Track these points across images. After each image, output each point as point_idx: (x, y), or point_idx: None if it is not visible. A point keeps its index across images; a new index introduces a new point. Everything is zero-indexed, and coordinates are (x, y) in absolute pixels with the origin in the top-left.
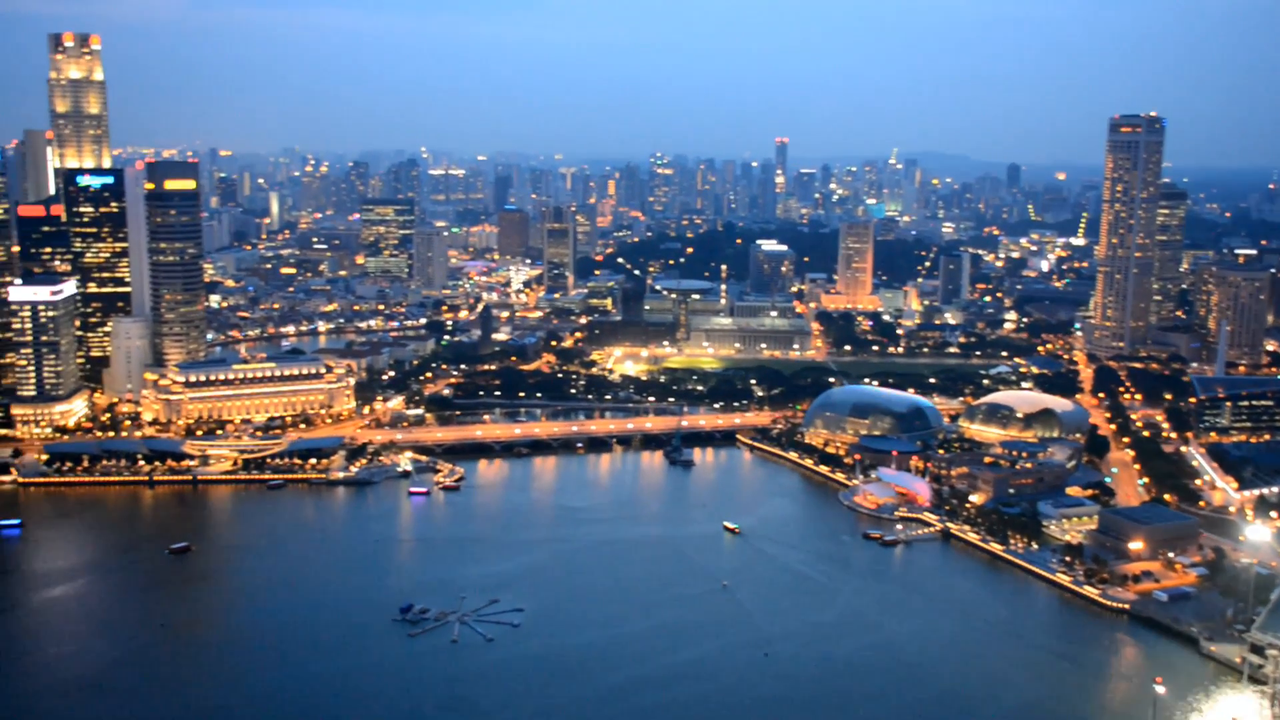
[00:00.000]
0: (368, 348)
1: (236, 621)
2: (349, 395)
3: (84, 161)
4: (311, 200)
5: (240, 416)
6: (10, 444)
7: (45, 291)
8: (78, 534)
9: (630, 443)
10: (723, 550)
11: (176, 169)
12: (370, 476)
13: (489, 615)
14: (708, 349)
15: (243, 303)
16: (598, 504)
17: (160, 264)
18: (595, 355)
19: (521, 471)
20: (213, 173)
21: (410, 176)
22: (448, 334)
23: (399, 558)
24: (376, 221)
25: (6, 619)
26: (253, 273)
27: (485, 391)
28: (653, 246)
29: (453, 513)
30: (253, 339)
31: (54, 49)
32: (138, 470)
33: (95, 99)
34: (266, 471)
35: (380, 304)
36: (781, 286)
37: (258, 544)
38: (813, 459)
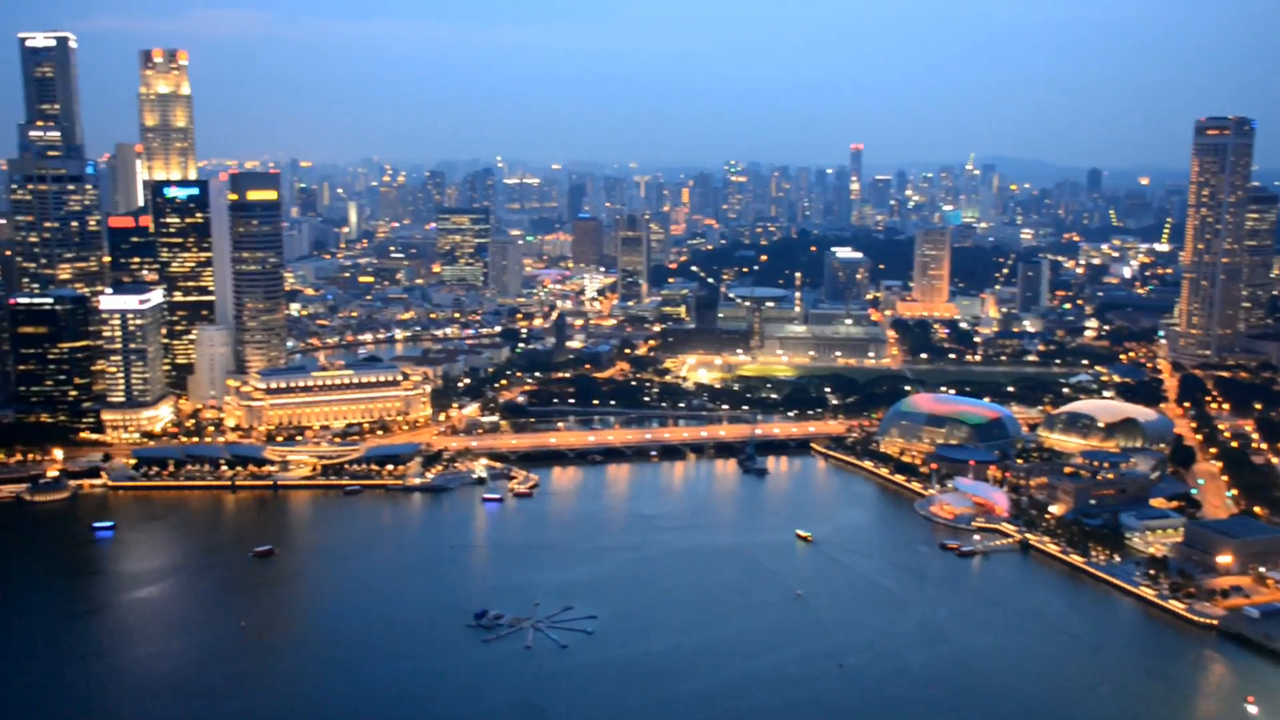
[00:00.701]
0: (444, 355)
1: (315, 624)
2: (425, 402)
3: (171, 173)
4: (389, 209)
5: (319, 423)
6: (100, 448)
7: (134, 300)
8: (163, 537)
9: (704, 450)
10: (796, 559)
11: (258, 180)
12: (446, 483)
13: (563, 622)
14: (782, 357)
15: (322, 311)
16: (671, 511)
17: (243, 273)
18: (669, 363)
19: (595, 479)
20: (293, 183)
21: (486, 185)
22: (522, 342)
23: (473, 564)
24: (452, 230)
25: (97, 618)
26: (332, 281)
27: (559, 399)
28: (727, 254)
29: (527, 519)
30: (331, 347)
31: (144, 65)
32: (220, 475)
33: (182, 113)
34: (344, 477)
35: (456, 312)
36: (856, 294)
37: (336, 548)
38: (888, 468)
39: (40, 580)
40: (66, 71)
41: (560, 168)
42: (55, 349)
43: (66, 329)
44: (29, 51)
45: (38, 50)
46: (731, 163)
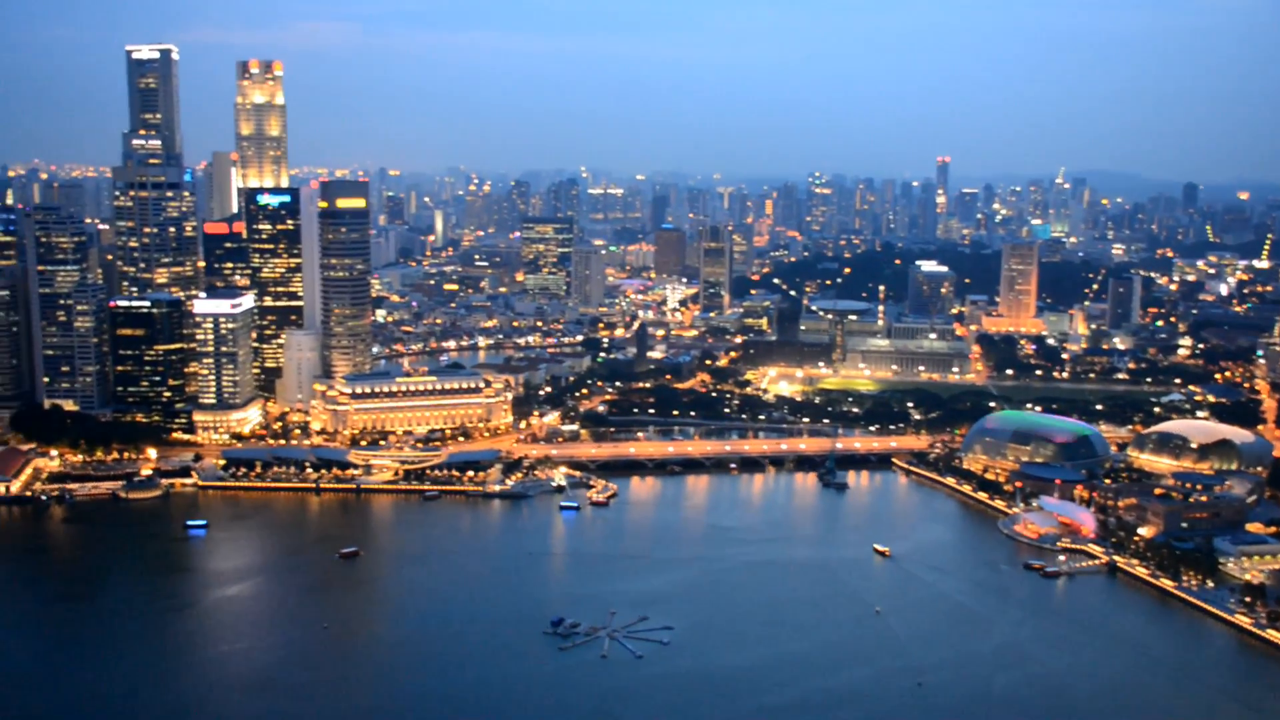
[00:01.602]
0: (525, 363)
1: (395, 627)
2: (507, 410)
3: (264, 181)
4: (474, 218)
5: (402, 428)
6: (192, 449)
7: (226, 305)
8: (251, 536)
9: (783, 463)
10: (875, 575)
11: (348, 188)
12: (525, 490)
13: (639, 632)
14: (864, 370)
15: (407, 318)
16: (749, 524)
17: (331, 279)
18: (750, 375)
19: (674, 489)
20: (381, 191)
21: (570, 195)
22: (604, 351)
23: (551, 571)
24: (536, 239)
25: (186, 615)
26: (417, 288)
27: (639, 409)
28: (809, 266)
29: (604, 528)
30: (415, 353)
31: (241, 76)
32: (305, 477)
33: (276, 122)
34: (426, 482)
35: (539, 321)
36: (941, 308)
37: (417, 552)
38: (971, 485)
39: (134, 576)
40: (168, 82)
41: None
42: (151, 351)
43: (162, 332)
44: (134, 63)
45: (142, 62)
46: (816, 174)
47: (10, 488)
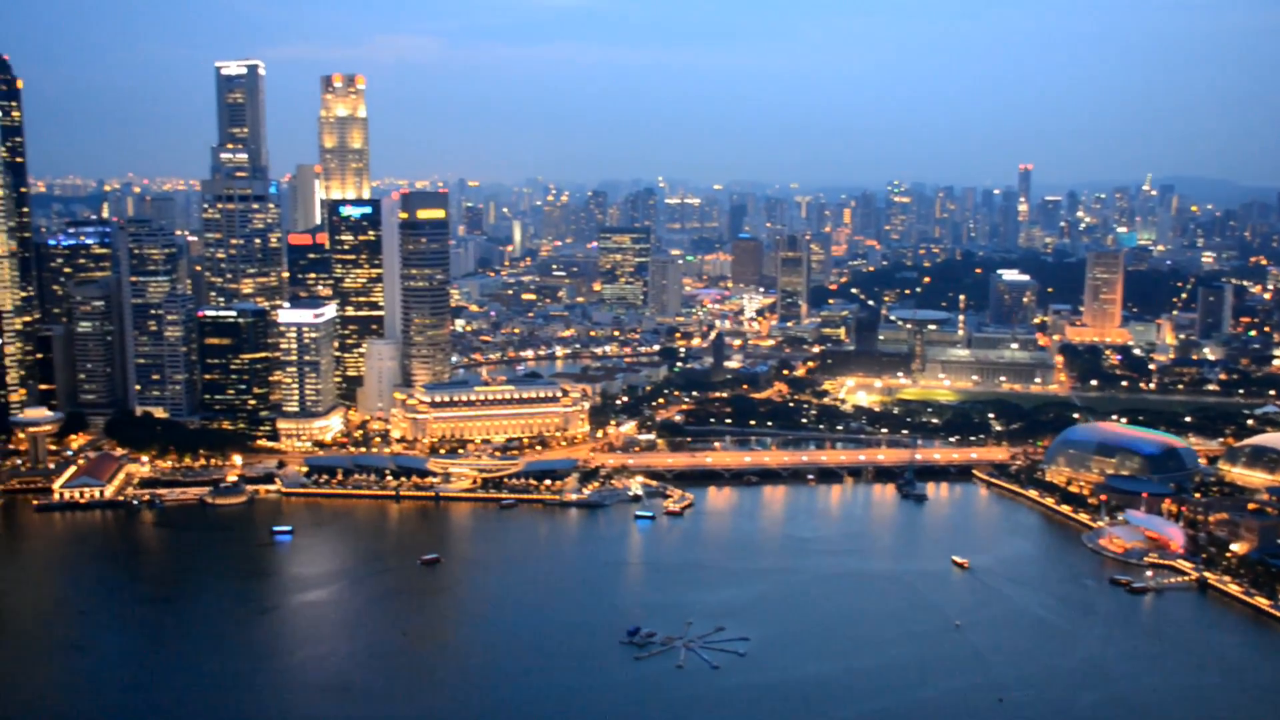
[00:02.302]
0: (603, 373)
1: (472, 633)
2: (584, 419)
3: (346, 193)
4: (552, 228)
5: (480, 437)
6: (275, 456)
7: (309, 314)
8: (332, 542)
9: (861, 474)
10: (954, 588)
11: (428, 199)
12: (602, 499)
13: (715, 642)
14: (944, 380)
15: (485, 327)
16: (827, 535)
17: (411, 289)
18: (827, 385)
19: (751, 500)
20: (461, 202)
21: (647, 205)
22: (680, 361)
23: (627, 581)
24: (614, 249)
25: (269, 619)
26: (495, 298)
27: (716, 419)
28: (888, 275)
29: (681, 538)
30: (494, 362)
31: (325, 90)
32: (385, 485)
33: (359, 134)
34: (503, 491)
35: (616, 330)
36: (1023, 318)
37: (495, 560)
38: (1053, 498)
39: (220, 579)
40: (255, 97)
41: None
42: (237, 360)
43: (248, 341)
44: (223, 79)
45: (231, 78)
46: (895, 183)
47: (105, 492)
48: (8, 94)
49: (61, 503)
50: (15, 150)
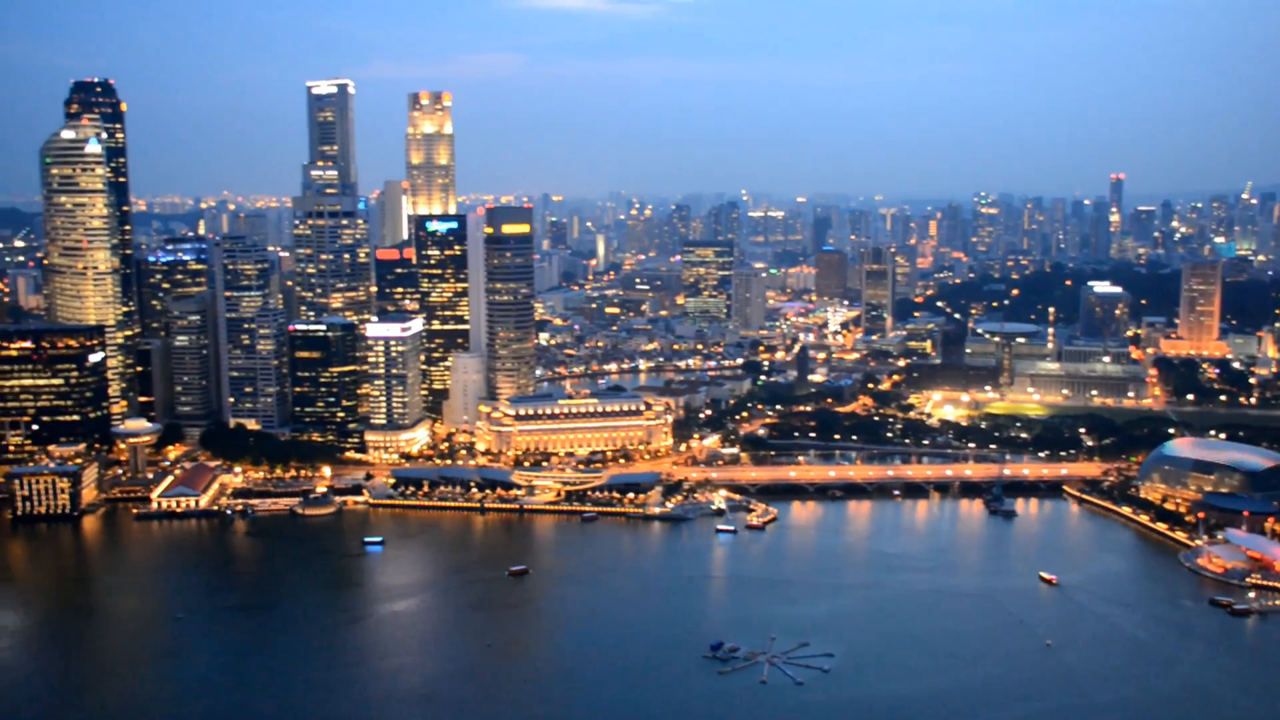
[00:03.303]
0: (686, 386)
1: (556, 645)
2: (667, 432)
3: (433, 208)
4: (635, 242)
5: (564, 449)
6: (363, 467)
7: (396, 328)
8: (419, 554)
9: (948, 489)
10: (1045, 606)
11: (513, 214)
12: (685, 513)
13: (799, 658)
14: (1033, 394)
15: (569, 341)
16: (913, 551)
17: (496, 303)
18: (913, 398)
19: (835, 514)
20: (545, 217)
21: (730, 219)
22: (764, 374)
23: (710, 594)
24: (697, 263)
25: (357, 628)
26: (579, 312)
27: (800, 432)
28: (975, 288)
29: (764, 552)
30: (577, 375)
31: (412, 107)
32: (470, 497)
33: (445, 151)
34: (587, 503)
35: (699, 344)
36: (1115, 330)
37: (579, 572)
38: (1148, 515)
39: (310, 588)
40: (345, 115)
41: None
42: (327, 373)
43: (337, 354)
44: (314, 98)
45: (321, 97)
46: (981, 194)
47: (200, 501)
48: (113, 116)
49: (159, 511)
50: (119, 171)
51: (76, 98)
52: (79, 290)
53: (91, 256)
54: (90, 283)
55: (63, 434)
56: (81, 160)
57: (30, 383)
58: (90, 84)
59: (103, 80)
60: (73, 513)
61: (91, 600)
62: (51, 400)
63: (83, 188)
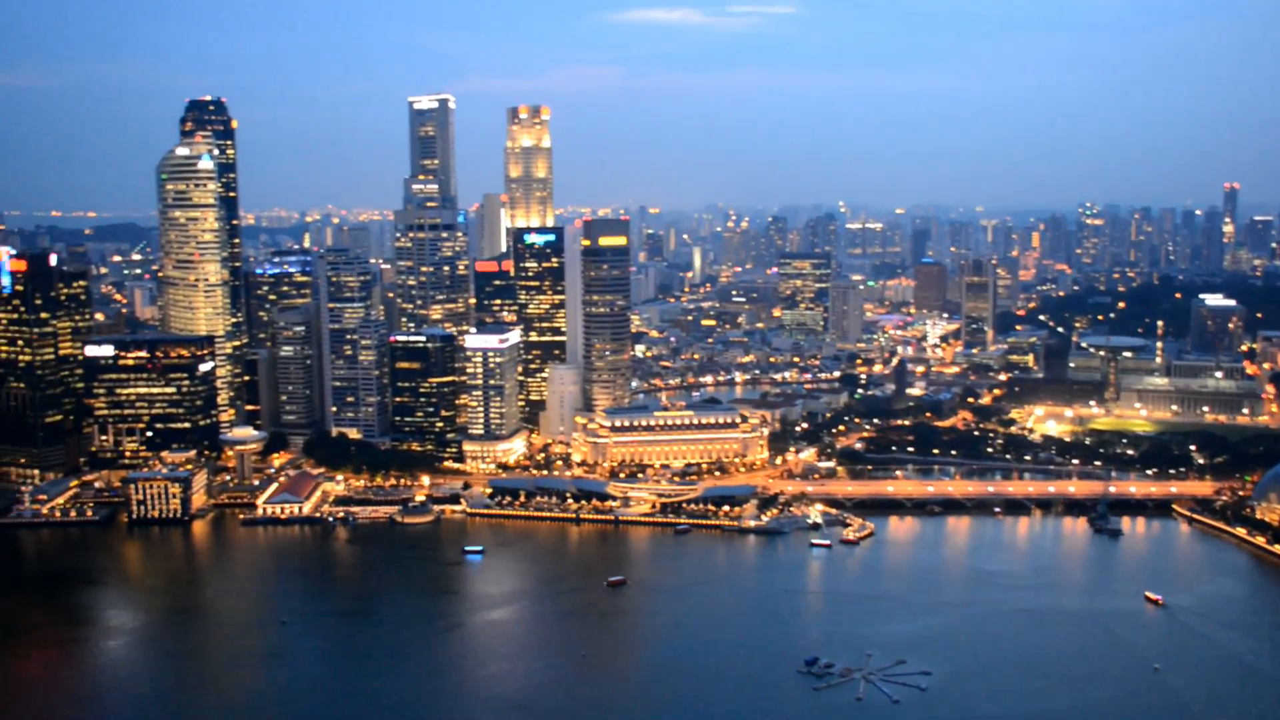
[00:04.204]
0: (782, 399)
1: (651, 656)
2: (762, 445)
3: (531, 221)
4: (732, 254)
5: (659, 461)
6: (461, 477)
7: (494, 340)
8: (515, 563)
9: (1051, 507)
10: (1152, 628)
11: (609, 226)
12: (780, 526)
13: (895, 675)
14: (1140, 410)
15: (665, 353)
16: (1013, 569)
17: (592, 315)
18: (1014, 413)
19: (933, 530)
20: (642, 229)
21: (828, 230)
22: (861, 387)
23: (806, 609)
24: (794, 275)
25: (454, 636)
26: (675, 324)
27: (898, 447)
28: (1079, 301)
29: (861, 568)
30: (673, 387)
31: (511, 121)
32: (566, 508)
33: (543, 164)
34: (682, 516)
35: (795, 356)
36: (1228, 345)
37: (674, 584)
38: (1264, 536)
39: (410, 595)
40: (445, 130)
41: (904, 212)
42: (426, 383)
43: (436, 365)
44: (415, 113)
45: (422, 112)
46: (1086, 205)
47: (303, 508)
48: (224, 134)
49: (264, 518)
50: (229, 186)
51: (191, 116)
52: (190, 302)
53: (202, 269)
54: (201, 294)
55: (175, 441)
56: (195, 176)
57: (145, 391)
58: (204, 102)
59: (215, 99)
60: (183, 517)
61: (200, 602)
62: (165, 408)
63: (195, 202)
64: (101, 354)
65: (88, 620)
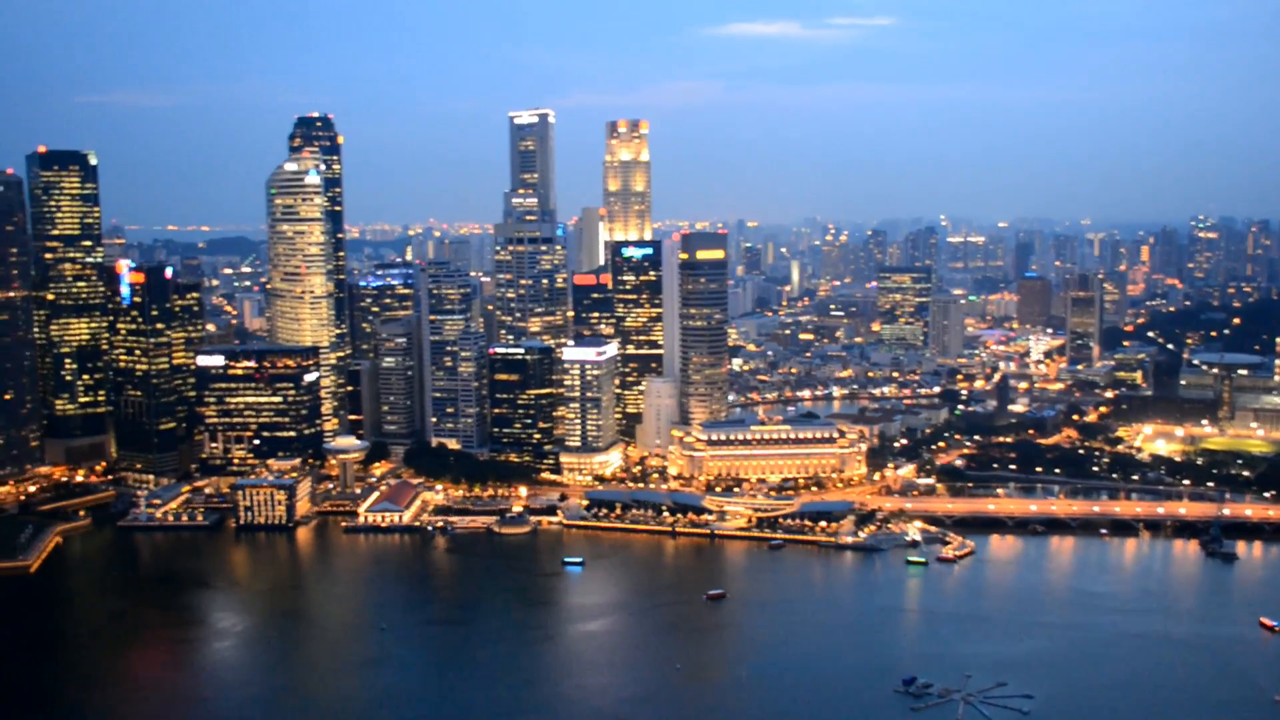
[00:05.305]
0: (880, 414)
1: (747, 671)
2: (860, 461)
3: (629, 234)
4: (830, 268)
5: (756, 476)
6: (558, 489)
7: (592, 352)
8: (613, 574)
9: (1160, 528)
10: (1267, 656)
11: (707, 240)
12: (878, 543)
13: (995, 698)
14: (1256, 430)
15: (762, 367)
16: (1120, 592)
17: (689, 328)
18: (1122, 431)
19: (1035, 550)
20: (739, 243)
21: (928, 244)
22: (962, 403)
23: (903, 628)
24: (893, 289)
25: (549, 646)
26: (772, 338)
27: (999, 464)
28: (1191, 316)
29: (960, 587)
30: (770, 402)
31: (610, 135)
32: (662, 521)
33: (641, 177)
34: (778, 530)
35: (895, 371)
36: None
37: (770, 599)
38: None
39: (507, 605)
40: (545, 144)
41: (1007, 225)
42: (524, 395)
43: (534, 377)
44: (516, 128)
45: (523, 126)
46: (1200, 217)
47: (403, 517)
48: (331, 149)
49: (366, 526)
50: (335, 200)
51: (299, 132)
52: (297, 313)
53: (309, 281)
54: (307, 306)
55: (280, 449)
56: (302, 190)
57: (253, 400)
58: (311, 119)
59: (323, 115)
60: (288, 523)
61: (303, 607)
62: (271, 417)
63: (302, 216)
64: (212, 364)
65: (198, 621)
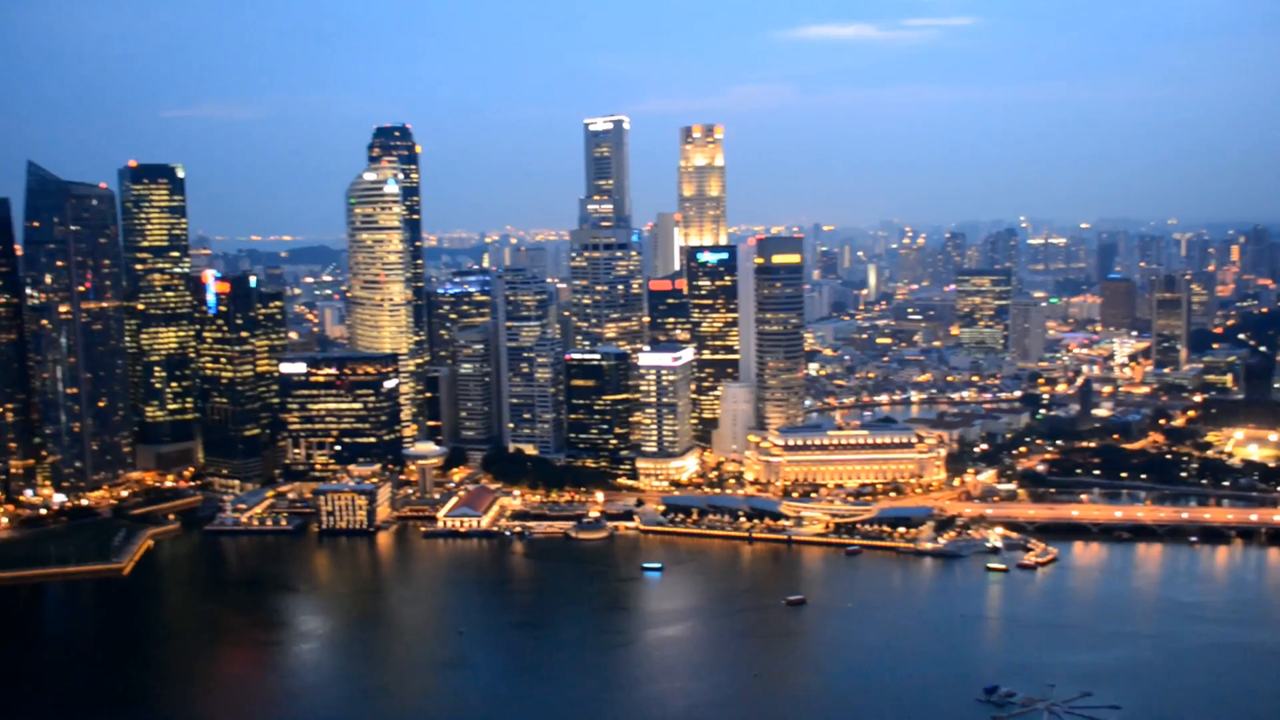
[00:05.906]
0: (959, 419)
1: (825, 678)
2: (939, 466)
3: (704, 239)
4: (908, 271)
5: (833, 481)
6: (634, 494)
7: (668, 358)
8: (690, 580)
9: (1253, 536)
10: None
11: (783, 244)
12: (958, 550)
13: (1081, 708)
14: None
15: (839, 371)
16: (1211, 601)
17: (765, 333)
18: (1211, 436)
19: (1121, 557)
20: (815, 247)
21: (1008, 246)
22: (1043, 408)
23: (985, 635)
24: (972, 292)
25: (626, 651)
26: (849, 342)
27: (1083, 469)
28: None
29: (1043, 594)
30: (847, 406)
31: (684, 140)
32: (738, 526)
33: (716, 182)
34: (856, 536)
35: (974, 375)
36: None
37: (848, 605)
38: None
39: (584, 610)
40: (620, 150)
41: (1089, 226)
42: (600, 401)
43: (610, 383)
44: (591, 134)
45: (598, 133)
46: None
47: (481, 522)
48: (409, 158)
49: (444, 530)
50: (413, 209)
51: (378, 142)
52: (376, 321)
53: (388, 289)
54: (386, 314)
55: (361, 454)
56: (381, 200)
57: (334, 406)
58: (390, 129)
59: (400, 125)
60: (368, 528)
61: (383, 610)
62: (352, 423)
63: (381, 225)
64: (294, 371)
65: (282, 624)
